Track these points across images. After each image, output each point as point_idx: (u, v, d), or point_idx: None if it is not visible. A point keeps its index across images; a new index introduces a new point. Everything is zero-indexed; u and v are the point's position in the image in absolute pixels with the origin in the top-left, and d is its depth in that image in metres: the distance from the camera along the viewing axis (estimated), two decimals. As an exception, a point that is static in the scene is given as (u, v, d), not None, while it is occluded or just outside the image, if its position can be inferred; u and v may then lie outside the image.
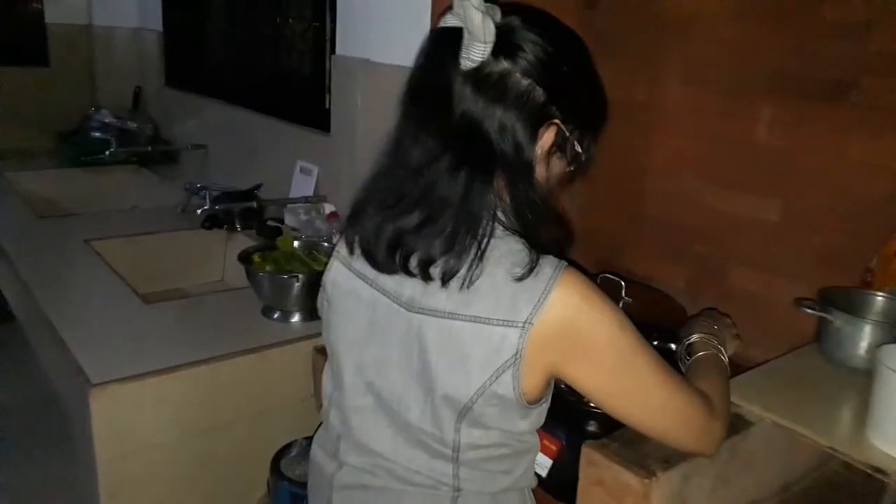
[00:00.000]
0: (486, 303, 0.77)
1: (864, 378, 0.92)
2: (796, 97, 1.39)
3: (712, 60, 1.54)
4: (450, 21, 0.79)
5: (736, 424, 0.96)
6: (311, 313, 1.57)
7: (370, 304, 0.88)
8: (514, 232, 0.80)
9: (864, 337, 1.04)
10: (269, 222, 2.05)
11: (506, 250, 0.79)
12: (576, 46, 0.87)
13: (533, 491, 0.96)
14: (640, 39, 1.67)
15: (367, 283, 0.88)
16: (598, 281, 1.18)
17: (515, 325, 0.76)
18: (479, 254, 0.77)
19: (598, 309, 0.78)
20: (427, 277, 0.80)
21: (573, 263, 0.81)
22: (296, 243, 1.72)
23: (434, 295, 0.80)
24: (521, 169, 0.80)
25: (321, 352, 1.48)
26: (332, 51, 1.96)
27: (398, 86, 1.68)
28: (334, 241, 1.81)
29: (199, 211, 2.02)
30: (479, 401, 0.80)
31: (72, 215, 2.37)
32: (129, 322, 1.51)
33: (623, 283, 1.17)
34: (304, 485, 1.32)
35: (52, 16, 3.28)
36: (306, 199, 2.01)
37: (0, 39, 3.07)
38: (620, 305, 1.17)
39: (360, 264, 0.89)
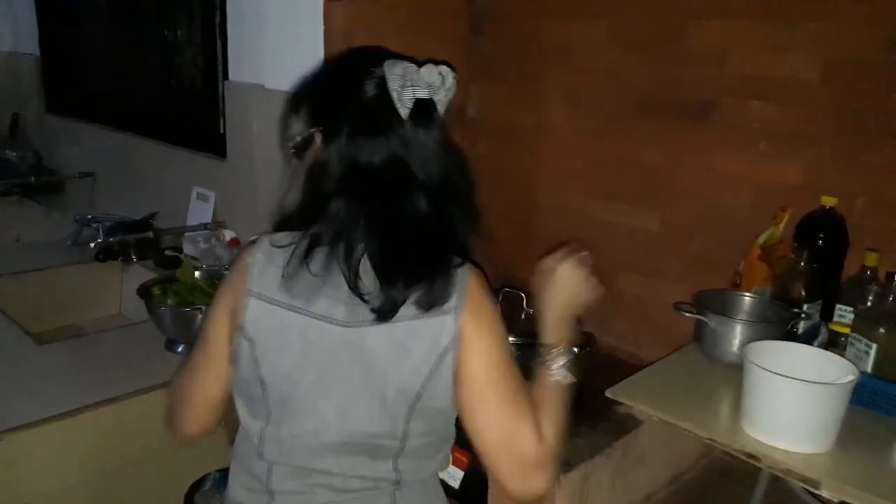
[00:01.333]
0: None
1: (739, 373, 1.01)
2: (667, 117, 1.52)
3: (591, 85, 1.66)
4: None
5: (627, 423, 1.05)
6: (217, 343, 1.56)
7: (302, 332, 0.89)
8: None
9: (736, 335, 1.16)
10: (167, 252, 2.01)
11: None
12: None
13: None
14: (525, 65, 1.77)
15: (296, 311, 0.89)
16: (500, 296, 1.25)
17: (449, 313, 0.87)
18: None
19: (490, 292, 0.94)
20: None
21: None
22: (197, 273, 1.69)
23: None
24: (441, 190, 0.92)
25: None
26: (225, 75, 1.95)
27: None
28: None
29: (92, 244, 1.95)
30: (428, 385, 0.88)
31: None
32: (23, 365, 1.45)
33: (524, 296, 1.24)
34: (219, 517, 1.31)
35: (-87, 40, 3.07)
36: (205, 227, 1.98)
37: None
38: (523, 317, 1.24)
39: (286, 295, 0.90)
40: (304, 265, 0.88)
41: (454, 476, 1.09)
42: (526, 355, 1.19)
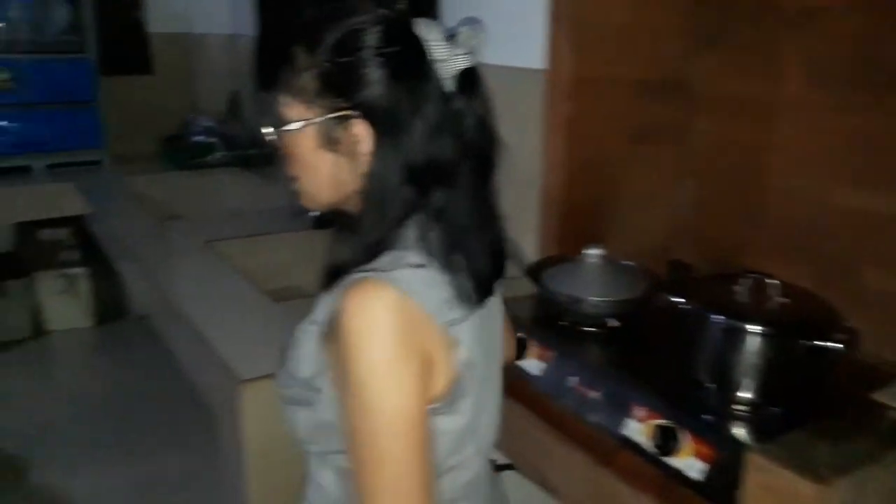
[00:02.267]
0: None
1: None
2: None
3: (837, 54, 1.49)
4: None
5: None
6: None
7: (483, 329, 0.86)
8: None
9: None
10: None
11: None
12: None
13: None
14: (757, 33, 1.63)
15: (473, 317, 0.83)
16: (751, 281, 1.17)
17: None
18: None
19: None
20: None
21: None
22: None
23: None
24: None
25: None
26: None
27: (506, 88, 1.71)
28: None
29: (310, 212, 2.07)
30: None
31: (180, 217, 2.48)
32: (264, 320, 1.57)
33: (779, 284, 1.15)
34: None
35: (154, 25, 3.43)
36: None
37: (106, 50, 3.22)
38: (773, 306, 1.15)
39: (460, 308, 0.81)
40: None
41: (694, 467, 1.04)
42: (773, 345, 1.11)
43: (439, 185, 0.80)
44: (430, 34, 0.78)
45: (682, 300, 1.19)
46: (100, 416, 2.83)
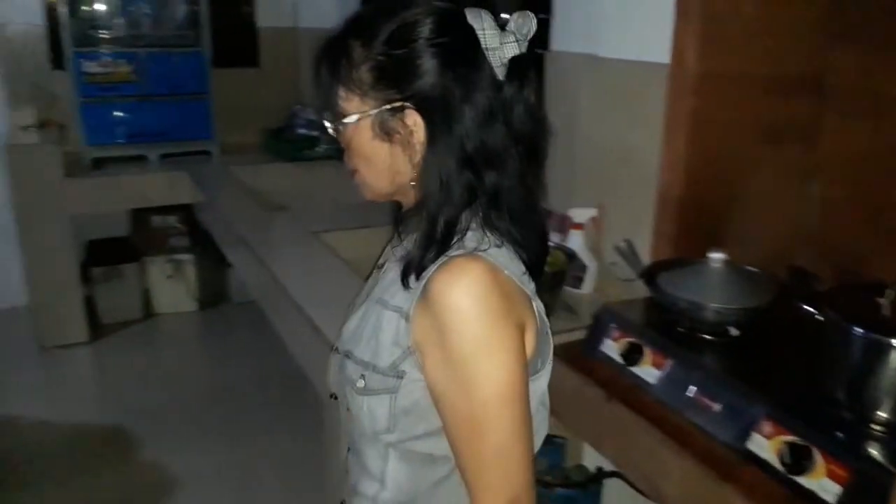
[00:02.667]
0: None
1: None
2: None
3: None
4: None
5: None
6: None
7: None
8: None
9: None
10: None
11: None
12: None
13: None
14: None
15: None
16: (894, 294, 1.08)
17: None
18: None
19: None
20: None
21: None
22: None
23: None
24: None
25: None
26: (544, 46, 1.93)
27: (626, 83, 1.65)
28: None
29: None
30: None
31: (285, 208, 2.53)
32: (370, 311, 1.58)
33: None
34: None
35: (262, 20, 3.53)
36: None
37: (217, 44, 3.33)
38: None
39: (530, 284, 0.85)
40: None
41: (827, 489, 0.97)
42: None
43: (491, 169, 0.81)
44: (482, 23, 0.79)
45: (817, 311, 1.12)
46: (204, 397, 2.94)
